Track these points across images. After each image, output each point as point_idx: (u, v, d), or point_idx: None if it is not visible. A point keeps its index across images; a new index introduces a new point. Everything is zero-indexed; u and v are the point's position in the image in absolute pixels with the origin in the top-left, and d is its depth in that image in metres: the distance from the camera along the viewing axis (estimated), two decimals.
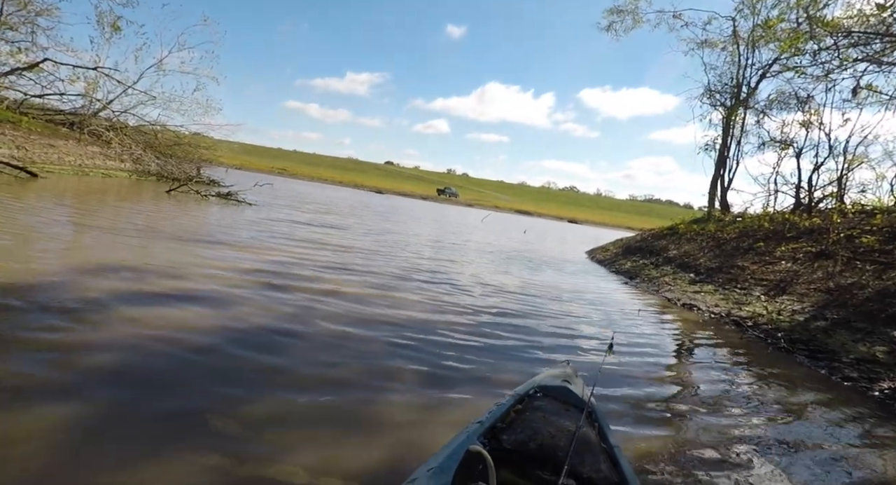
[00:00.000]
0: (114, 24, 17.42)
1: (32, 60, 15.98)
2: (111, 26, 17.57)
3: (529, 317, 5.38)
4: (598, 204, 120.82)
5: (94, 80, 18.22)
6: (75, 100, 18.48)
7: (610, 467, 1.56)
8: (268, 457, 1.91)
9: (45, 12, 15.98)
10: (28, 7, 15.35)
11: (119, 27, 17.65)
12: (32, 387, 2.16)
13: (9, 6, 14.87)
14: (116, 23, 17.33)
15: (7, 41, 15.77)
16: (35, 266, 4.14)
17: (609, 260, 13.56)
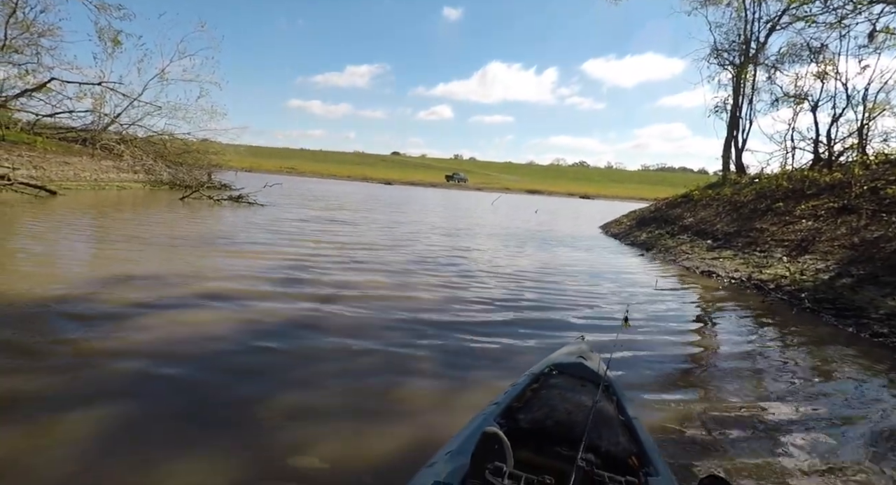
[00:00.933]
0: (114, 38, 17.56)
1: (40, 81, 16.26)
2: (112, 41, 17.72)
3: (544, 296, 5.38)
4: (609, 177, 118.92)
5: (100, 96, 18.51)
6: (85, 116, 18.83)
7: (629, 439, 1.56)
8: (293, 448, 1.97)
9: (47, 33, 16.20)
10: (31, 29, 15.57)
11: (119, 41, 17.80)
12: (62, 394, 2.25)
13: (12, 29, 15.09)
14: (117, 37, 17.47)
15: (14, 64, 16.06)
16: (61, 279, 4.28)
17: (623, 233, 13.39)
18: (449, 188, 57.26)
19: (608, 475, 1.16)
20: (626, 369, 3.22)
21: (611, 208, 27.56)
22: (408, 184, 57.68)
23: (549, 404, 1.65)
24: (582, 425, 1.49)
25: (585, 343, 2.53)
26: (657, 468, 1.45)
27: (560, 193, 65.06)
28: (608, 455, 1.46)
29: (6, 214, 8.49)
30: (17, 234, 6.80)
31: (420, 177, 71.44)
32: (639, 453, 1.51)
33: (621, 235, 13.19)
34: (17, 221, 7.87)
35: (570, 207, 34.49)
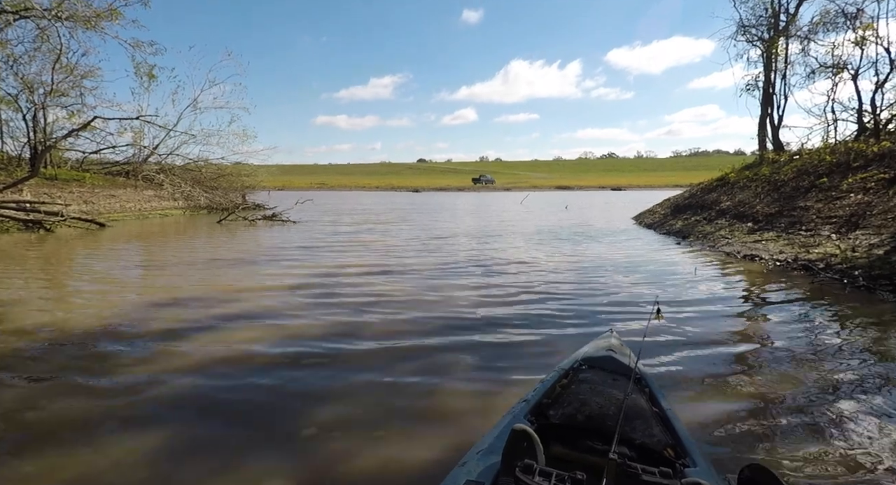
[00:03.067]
0: (149, 73, 18.60)
1: (85, 120, 17.40)
2: (147, 75, 18.78)
3: (577, 292, 5.29)
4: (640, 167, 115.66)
5: (139, 129, 19.65)
6: (126, 150, 20.05)
7: (663, 430, 1.52)
8: (338, 457, 2.02)
9: (88, 74, 17.34)
10: (74, 72, 16.71)
11: (154, 75, 18.83)
12: (120, 414, 2.40)
13: (58, 74, 16.24)
14: (151, 71, 18.50)
15: (61, 106, 17.28)
16: (115, 305, 4.56)
17: (658, 222, 13.00)
18: (476, 191, 57.20)
19: (642, 467, 1.13)
20: (661, 361, 3.12)
21: (643, 198, 26.80)
22: (435, 189, 58.02)
23: (580, 398, 1.63)
24: (614, 418, 1.46)
25: (615, 336, 2.49)
26: (694, 459, 1.41)
27: (590, 186, 63.81)
28: (642, 448, 1.43)
29: (63, 248, 9.11)
30: (73, 266, 7.29)
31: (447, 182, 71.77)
32: (674, 444, 1.47)
33: (656, 225, 12.81)
34: (73, 254, 8.43)
35: (601, 200, 33.77)
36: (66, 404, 2.49)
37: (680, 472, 1.34)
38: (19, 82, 16.07)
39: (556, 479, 1.06)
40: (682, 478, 1.17)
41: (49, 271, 6.64)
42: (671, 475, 1.13)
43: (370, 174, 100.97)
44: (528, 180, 77.23)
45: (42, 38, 15.87)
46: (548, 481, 1.06)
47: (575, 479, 1.06)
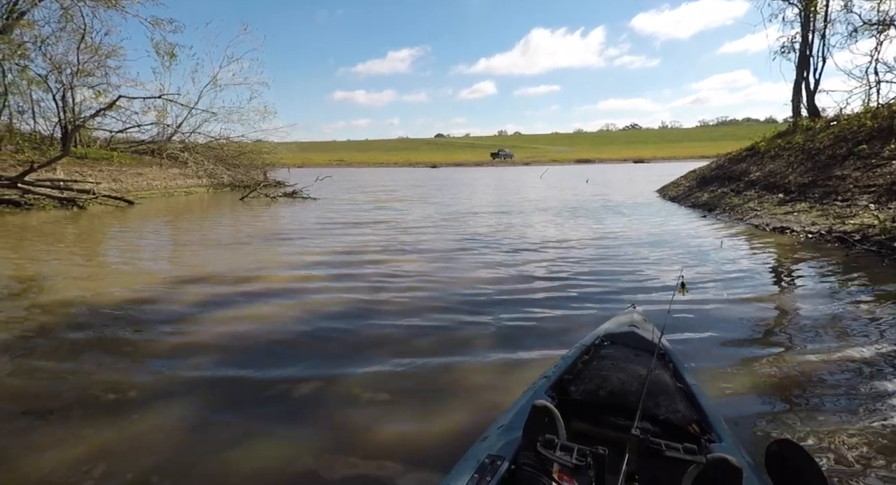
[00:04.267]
0: (170, 51, 18.70)
1: (110, 100, 17.69)
2: (168, 54, 18.89)
3: (599, 267, 5.23)
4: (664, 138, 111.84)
5: (162, 108, 19.90)
6: (151, 128, 20.37)
7: (687, 406, 1.50)
8: (360, 429, 2.06)
9: (112, 53, 17.54)
10: (98, 52, 16.91)
11: (175, 54, 18.94)
12: (149, 386, 2.50)
13: (83, 54, 16.47)
14: (172, 50, 18.59)
15: (88, 86, 17.58)
16: (144, 280, 4.72)
17: (683, 195, 12.63)
18: (495, 166, 56.48)
19: (665, 443, 1.11)
20: (685, 336, 3.07)
21: (667, 170, 26.03)
22: (453, 165, 57.50)
23: (602, 374, 1.62)
24: (637, 394, 1.44)
25: (638, 311, 2.45)
26: (719, 435, 1.38)
27: (612, 159, 62.21)
28: (666, 423, 1.41)
29: (95, 224, 9.43)
30: (105, 242, 7.55)
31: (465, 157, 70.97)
32: (699, 420, 1.45)
33: (680, 198, 12.45)
34: (105, 231, 8.72)
35: (623, 173, 32.93)
36: (97, 374, 2.61)
37: (705, 447, 1.31)
38: (48, 63, 16.38)
39: (578, 454, 1.05)
40: (708, 453, 1.15)
41: (83, 247, 6.89)
42: (696, 451, 1.10)
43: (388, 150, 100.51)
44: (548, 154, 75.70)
45: (66, 17, 16.06)
46: (569, 456, 1.05)
47: (597, 454, 1.04)
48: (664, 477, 1.28)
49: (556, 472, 1.12)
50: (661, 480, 1.28)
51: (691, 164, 21.16)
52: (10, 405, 2.25)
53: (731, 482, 1.05)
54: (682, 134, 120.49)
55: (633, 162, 56.54)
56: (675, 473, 1.16)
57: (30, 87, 16.63)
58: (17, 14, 15.75)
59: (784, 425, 2.05)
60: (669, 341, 2.08)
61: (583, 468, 1.01)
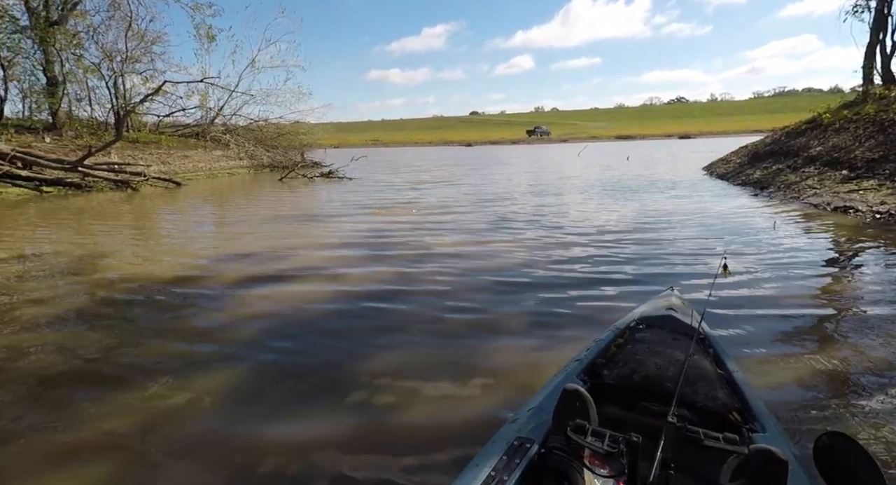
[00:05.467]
0: (208, 33, 19.20)
1: (157, 85, 18.45)
2: (207, 37, 19.41)
3: (638, 248, 5.04)
4: (713, 111, 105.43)
5: (204, 92, 20.58)
6: (195, 112, 21.15)
7: (728, 394, 1.42)
8: (391, 405, 2.10)
9: (157, 40, 18.25)
10: (144, 38, 17.60)
11: (213, 36, 19.44)
12: (196, 358, 2.63)
13: (131, 42, 17.18)
14: (210, 32, 19.09)
15: (137, 73, 18.38)
16: (191, 257, 4.96)
17: (732, 172, 11.92)
18: (531, 143, 55.23)
19: (703, 432, 1.05)
20: (729, 322, 2.92)
21: (716, 146, 24.61)
22: (488, 143, 56.68)
23: (636, 358, 1.56)
24: (673, 379, 1.38)
25: (676, 294, 2.34)
26: (763, 425, 1.31)
27: (655, 135, 59.43)
28: (705, 411, 1.34)
29: (148, 205, 9.97)
30: (157, 221, 7.98)
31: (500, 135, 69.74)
32: (741, 408, 1.37)
33: (730, 175, 11.76)
34: (156, 211, 9.21)
35: (667, 150, 31.43)
36: (147, 345, 2.77)
37: (747, 438, 1.24)
38: (100, 51, 17.22)
39: (610, 440, 1.00)
40: (750, 444, 1.08)
41: (137, 226, 7.31)
42: (737, 441, 1.03)
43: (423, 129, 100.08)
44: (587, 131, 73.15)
45: (114, 6, 16.77)
46: (601, 442, 1.00)
47: (630, 441, 0.99)
48: (701, 467, 1.22)
49: (586, 457, 1.10)
50: (697, 470, 1.23)
51: (743, 139, 19.89)
52: (70, 371, 2.44)
53: (775, 476, 0.98)
54: (734, 107, 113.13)
55: (678, 138, 53.78)
56: (714, 463, 1.11)
57: (85, 75, 17.57)
58: (71, 5, 16.52)
59: (835, 419, 1.93)
60: (710, 326, 1.99)
61: (615, 455, 0.97)
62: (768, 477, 0.98)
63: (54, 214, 8.56)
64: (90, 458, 1.75)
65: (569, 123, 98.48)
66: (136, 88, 18.71)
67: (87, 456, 1.76)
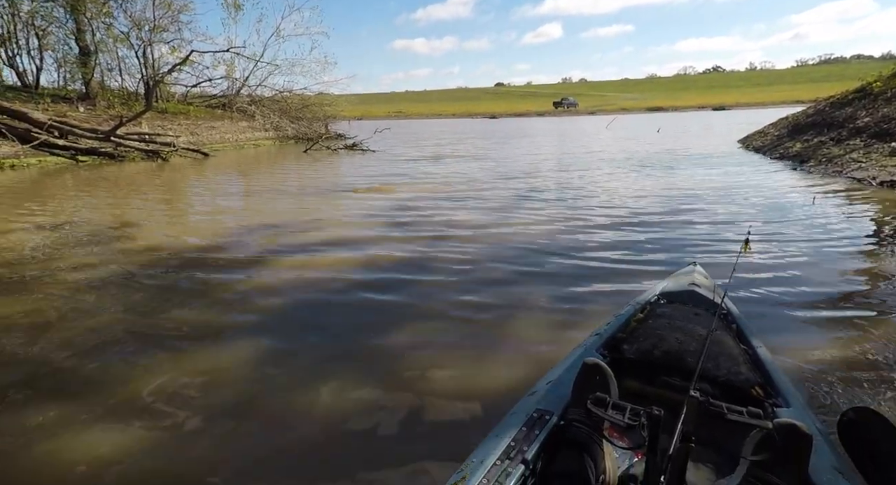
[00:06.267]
0: (235, 1, 19.10)
1: (184, 55, 18.58)
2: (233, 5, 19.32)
3: (663, 223, 4.91)
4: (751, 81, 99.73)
5: (230, 62, 20.64)
6: (221, 83, 21.30)
7: (751, 368, 1.40)
8: (414, 376, 2.14)
9: (183, 8, 18.27)
10: (171, 7, 17.65)
11: (240, 5, 19.33)
12: (226, 326, 2.71)
13: (158, 10, 17.25)
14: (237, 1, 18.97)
15: (164, 42, 18.54)
16: (218, 228, 5.09)
17: (770, 145, 11.35)
18: (557, 116, 53.71)
19: (727, 406, 1.03)
20: (754, 299, 2.84)
21: (753, 118, 23.40)
22: (513, 116, 55.38)
23: (657, 333, 1.54)
24: (695, 354, 1.36)
25: (699, 269, 2.28)
26: (787, 399, 1.28)
27: (688, 107, 56.89)
28: (727, 386, 1.33)
29: (177, 175, 10.22)
30: (186, 191, 8.18)
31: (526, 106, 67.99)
32: (764, 383, 1.35)
33: (766, 148, 11.22)
34: (186, 181, 9.44)
35: (701, 121, 30.09)
36: (178, 311, 2.88)
37: (771, 412, 1.23)
38: (129, 20, 17.37)
39: (631, 413, 0.99)
40: (775, 418, 1.07)
41: (168, 196, 7.51)
42: (761, 416, 1.01)
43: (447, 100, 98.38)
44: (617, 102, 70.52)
45: None
46: (621, 415, 0.99)
47: (651, 414, 0.98)
48: (722, 441, 1.22)
49: (606, 429, 1.10)
50: (718, 444, 1.23)
51: (782, 110, 18.83)
52: (105, 335, 2.56)
53: (799, 450, 0.97)
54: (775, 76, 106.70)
55: (713, 110, 51.32)
56: (736, 437, 1.10)
57: (115, 44, 17.84)
58: None
59: (863, 396, 1.88)
60: (734, 303, 1.94)
61: (635, 428, 0.97)
62: (792, 451, 0.98)
63: (89, 182, 8.87)
64: (124, 418, 1.84)
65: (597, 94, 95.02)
66: (164, 58, 18.96)
67: (121, 416, 1.86)
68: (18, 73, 17.47)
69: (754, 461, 0.99)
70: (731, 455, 1.19)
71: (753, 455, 0.99)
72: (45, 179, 9.34)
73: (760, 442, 1.01)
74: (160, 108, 17.41)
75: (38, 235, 4.80)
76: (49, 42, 17.15)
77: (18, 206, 6.40)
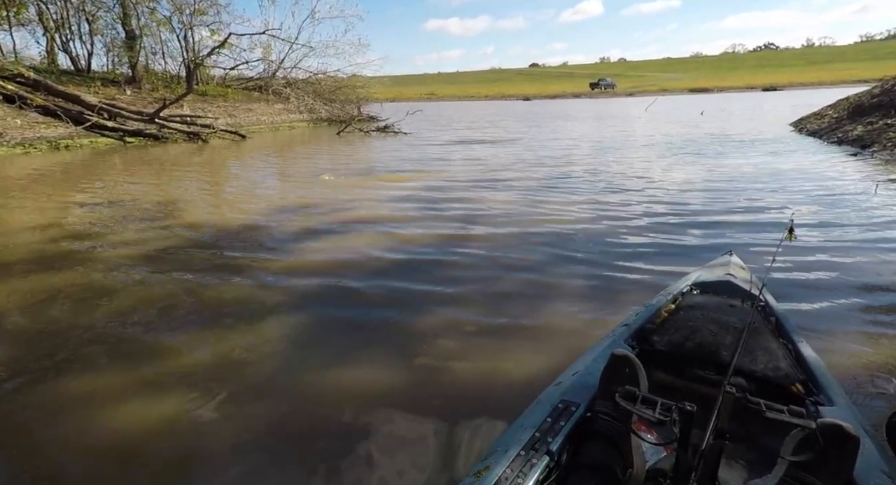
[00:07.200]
0: None
1: (222, 38, 18.96)
2: None
3: (703, 212, 4.69)
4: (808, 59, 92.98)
5: (267, 44, 20.92)
6: (258, 65, 21.64)
7: (792, 364, 1.32)
8: (442, 359, 2.15)
9: None
10: None
11: None
12: (260, 303, 2.79)
13: None
14: None
15: (204, 25, 18.97)
16: (255, 209, 5.23)
17: (827, 129, 10.61)
18: (594, 97, 51.98)
19: (765, 403, 0.97)
20: (797, 291, 2.70)
21: (808, 99, 21.92)
22: (547, 97, 53.96)
23: (689, 325, 1.48)
24: (730, 348, 1.31)
25: (736, 259, 2.17)
26: (831, 398, 1.21)
27: (735, 87, 53.84)
28: (765, 381, 1.27)
29: (216, 156, 10.55)
30: (225, 172, 8.45)
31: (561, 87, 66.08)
32: (805, 380, 1.28)
33: (823, 132, 10.50)
34: (224, 162, 9.73)
35: (749, 103, 28.43)
36: (216, 289, 2.98)
37: (814, 411, 1.16)
38: (170, 4, 17.82)
39: (662, 408, 0.94)
40: (818, 418, 1.00)
41: (208, 176, 7.78)
42: (804, 415, 0.95)
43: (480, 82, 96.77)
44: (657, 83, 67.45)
45: None
46: (652, 410, 0.94)
47: (684, 410, 0.93)
48: (758, 439, 1.17)
49: (634, 423, 1.07)
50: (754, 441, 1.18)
51: (842, 90, 17.51)
52: (149, 310, 2.69)
53: (844, 452, 0.91)
54: (834, 53, 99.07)
55: (764, 90, 48.34)
56: (773, 435, 1.05)
57: (158, 28, 18.36)
58: None
59: None
60: (774, 295, 1.84)
61: (666, 424, 0.93)
62: (837, 453, 0.92)
63: (136, 163, 9.28)
64: (163, 391, 1.93)
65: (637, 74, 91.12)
66: (203, 41, 19.39)
67: (160, 389, 1.95)
68: (72, 58, 18.31)
69: (793, 462, 0.94)
70: (766, 453, 1.14)
71: (793, 455, 0.94)
72: (97, 158, 9.83)
73: (802, 442, 0.96)
74: (200, 90, 17.92)
75: (90, 212, 5.08)
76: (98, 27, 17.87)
77: (73, 184, 6.78)
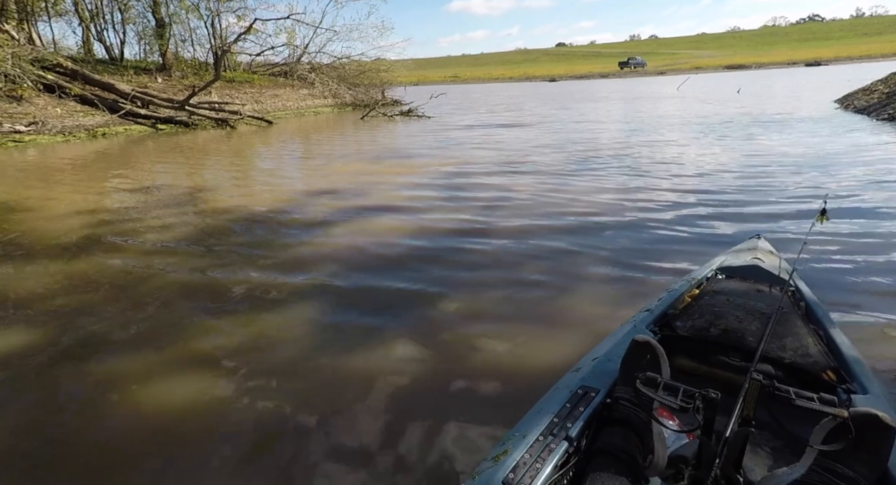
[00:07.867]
0: None
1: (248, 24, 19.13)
2: None
3: (736, 196, 4.50)
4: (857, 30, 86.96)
5: (291, 29, 20.99)
6: (283, 51, 21.78)
7: (822, 351, 1.27)
8: (465, 345, 2.16)
9: None
10: None
11: None
12: (285, 286, 2.86)
13: None
14: None
15: (231, 11, 19.16)
16: (280, 193, 5.33)
17: (876, 105, 9.97)
18: (623, 77, 50.26)
19: (794, 391, 0.94)
20: (831, 277, 2.59)
21: (856, 74, 20.59)
22: (574, 78, 52.46)
23: (714, 310, 1.44)
24: (757, 333, 1.27)
25: (764, 243, 2.09)
26: (864, 386, 1.17)
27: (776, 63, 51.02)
28: (794, 368, 1.23)
29: (244, 142, 10.75)
30: (252, 158, 8.61)
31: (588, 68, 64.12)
32: (836, 368, 1.23)
33: (872, 109, 9.88)
34: (252, 148, 9.92)
35: (791, 79, 26.94)
36: (243, 273, 3.06)
37: (846, 399, 1.12)
38: None
39: (684, 395, 0.91)
40: (850, 406, 0.96)
41: (236, 162, 7.95)
42: (835, 403, 0.91)
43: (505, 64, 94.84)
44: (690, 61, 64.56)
45: None
46: (674, 397, 0.92)
47: (707, 397, 0.90)
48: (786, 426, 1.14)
49: (656, 410, 1.05)
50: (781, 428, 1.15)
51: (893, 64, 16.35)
52: (178, 292, 2.79)
53: (878, 442, 0.88)
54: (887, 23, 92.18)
55: (807, 65, 45.66)
56: (802, 423, 1.02)
57: (187, 15, 18.63)
58: None
59: None
60: (803, 278, 1.77)
61: (689, 410, 0.90)
62: (870, 443, 0.89)
63: (168, 149, 9.56)
64: (189, 370, 2.01)
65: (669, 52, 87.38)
66: (230, 28, 19.60)
67: (186, 368, 2.03)
68: (106, 47, 18.84)
69: (823, 451, 0.92)
70: (793, 440, 1.11)
71: (823, 444, 0.92)
72: (131, 145, 10.17)
73: (833, 431, 0.93)
74: (227, 77, 18.18)
75: (125, 197, 5.28)
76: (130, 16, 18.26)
77: (109, 171, 7.05)
